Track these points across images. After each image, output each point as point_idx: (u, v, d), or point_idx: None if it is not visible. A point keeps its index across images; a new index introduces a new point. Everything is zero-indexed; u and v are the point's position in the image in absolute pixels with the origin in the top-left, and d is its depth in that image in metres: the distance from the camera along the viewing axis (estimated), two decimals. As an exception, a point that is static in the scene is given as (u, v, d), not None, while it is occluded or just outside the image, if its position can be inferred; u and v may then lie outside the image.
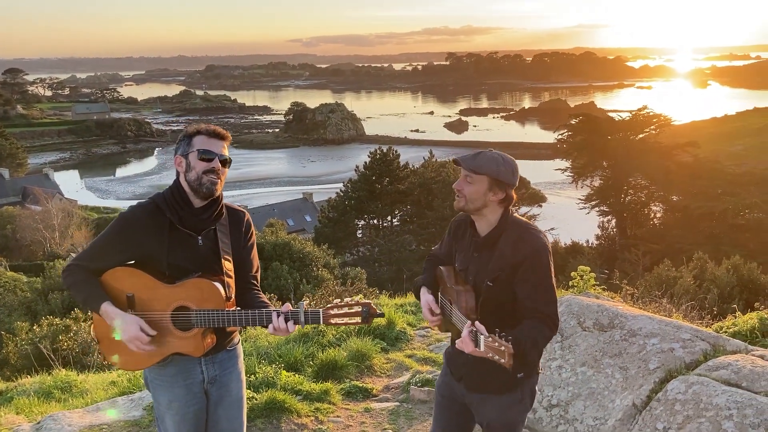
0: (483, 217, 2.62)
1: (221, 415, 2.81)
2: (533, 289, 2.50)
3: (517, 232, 2.58)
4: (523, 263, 2.51)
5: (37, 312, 17.50)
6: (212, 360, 2.73)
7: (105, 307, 2.52)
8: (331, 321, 2.52)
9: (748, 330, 4.97)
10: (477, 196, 2.57)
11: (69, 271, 2.61)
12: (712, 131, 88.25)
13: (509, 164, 2.59)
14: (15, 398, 5.98)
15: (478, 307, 2.54)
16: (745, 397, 3.39)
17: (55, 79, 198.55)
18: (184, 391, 2.69)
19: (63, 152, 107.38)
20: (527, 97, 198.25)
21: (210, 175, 2.58)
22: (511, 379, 2.62)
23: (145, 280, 2.57)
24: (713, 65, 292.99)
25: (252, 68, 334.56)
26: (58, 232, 44.56)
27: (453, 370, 2.79)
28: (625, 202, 43.92)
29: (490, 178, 2.54)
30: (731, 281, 14.64)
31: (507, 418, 2.68)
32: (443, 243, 2.89)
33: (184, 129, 2.70)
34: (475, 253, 2.64)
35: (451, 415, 2.85)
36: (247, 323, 2.59)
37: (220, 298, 2.57)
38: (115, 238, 2.60)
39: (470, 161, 2.58)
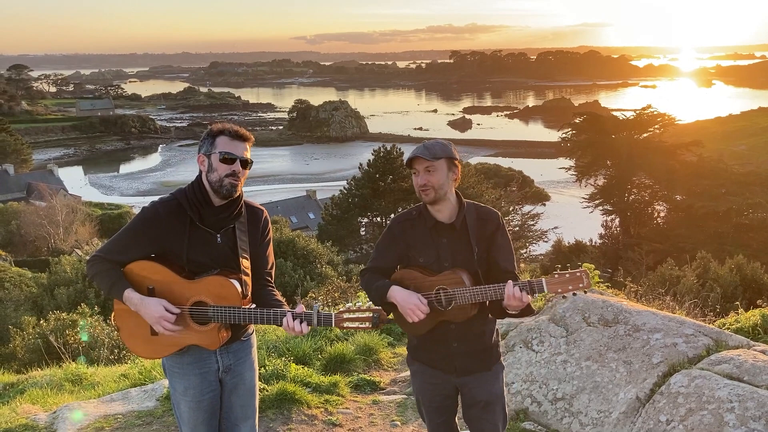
0: (446, 202, 2.77)
1: (235, 402, 2.91)
2: (508, 252, 2.80)
3: (473, 208, 2.83)
4: (495, 233, 2.78)
5: (44, 307, 17.60)
6: (227, 350, 2.82)
7: (128, 294, 2.62)
8: (342, 325, 2.62)
9: (750, 327, 5.05)
10: (442, 181, 2.72)
11: (93, 262, 2.70)
12: (716, 130, 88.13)
13: (450, 144, 2.81)
14: (27, 390, 6.09)
15: (480, 281, 2.71)
16: (747, 391, 3.47)
17: (59, 76, 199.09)
18: (199, 379, 2.79)
19: (67, 148, 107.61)
20: (531, 95, 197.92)
21: (231, 178, 2.66)
22: (495, 351, 2.90)
23: (166, 274, 2.67)
24: (718, 64, 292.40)
25: (256, 65, 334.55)
26: (62, 228, 44.69)
27: (439, 365, 2.88)
28: (629, 201, 43.85)
29: (447, 160, 2.74)
30: (734, 280, 14.69)
31: (499, 389, 2.92)
32: (383, 250, 2.88)
33: (208, 127, 2.76)
34: (443, 239, 2.76)
35: (442, 411, 3.00)
36: (263, 321, 2.69)
37: (237, 296, 2.66)
38: (137, 234, 2.69)
39: (428, 152, 2.73)
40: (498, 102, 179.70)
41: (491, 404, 2.89)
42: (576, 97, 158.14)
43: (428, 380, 2.93)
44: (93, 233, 45.90)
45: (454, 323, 2.74)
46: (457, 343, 2.80)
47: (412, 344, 2.96)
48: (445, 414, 3.00)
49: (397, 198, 38.92)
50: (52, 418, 4.48)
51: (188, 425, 2.85)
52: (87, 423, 4.33)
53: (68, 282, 18.75)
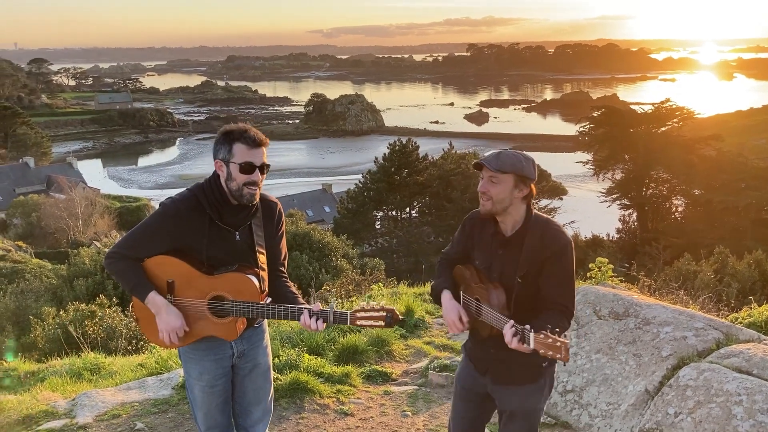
0: (509, 216, 2.67)
1: (248, 386, 2.99)
2: (557, 283, 2.61)
3: (541, 228, 2.65)
4: (550, 258, 2.61)
5: (63, 298, 17.83)
6: (241, 337, 2.89)
7: (152, 297, 2.70)
8: (357, 322, 2.67)
9: (763, 321, 5.04)
10: (504, 195, 2.62)
11: (112, 259, 2.76)
12: (736, 124, 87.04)
13: (529, 160, 2.66)
14: (47, 378, 6.22)
15: (510, 303, 2.62)
16: (756, 384, 3.49)
17: (78, 69, 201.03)
18: (213, 365, 2.87)
19: (86, 141, 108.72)
20: (549, 88, 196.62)
21: (251, 187, 2.71)
22: (536, 369, 2.73)
23: (185, 269, 2.73)
24: (739, 57, 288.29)
25: (273, 59, 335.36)
26: (81, 221, 45.21)
27: (476, 364, 2.88)
28: (647, 196, 43.51)
29: (516, 176, 2.60)
30: (752, 276, 14.57)
31: (529, 405, 2.81)
32: (455, 242, 2.92)
33: (223, 127, 2.78)
34: (500, 251, 2.70)
35: (470, 405, 2.96)
36: (280, 317, 2.77)
37: (255, 291, 2.74)
38: (156, 230, 2.74)
39: (495, 162, 2.62)
40: (515, 95, 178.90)
41: (515, 417, 2.83)
42: (594, 91, 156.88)
43: (465, 370, 2.95)
44: (112, 226, 46.39)
45: (485, 334, 2.72)
46: (495, 350, 2.72)
47: (469, 334, 2.96)
48: (470, 410, 2.97)
49: (412, 192, 38.96)
50: (71, 404, 4.58)
51: (202, 409, 2.93)
52: (105, 410, 4.44)
53: (87, 273, 18.98)
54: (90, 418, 4.32)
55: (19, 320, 16.41)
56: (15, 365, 7.43)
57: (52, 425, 4.25)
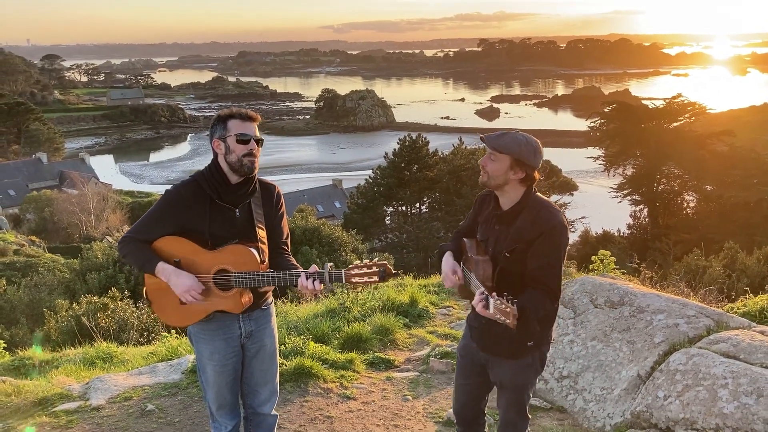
0: (505, 194, 2.82)
1: (255, 367, 3.16)
2: (543, 262, 2.71)
3: (537, 209, 2.76)
4: (539, 238, 2.71)
5: (76, 291, 18.10)
6: (249, 317, 3.07)
7: (161, 266, 2.88)
8: (352, 280, 2.81)
9: (757, 311, 5.15)
10: (499, 173, 2.75)
11: (123, 243, 2.97)
12: (749, 120, 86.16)
13: (531, 145, 2.74)
14: (62, 365, 6.42)
15: (494, 276, 2.76)
16: (741, 368, 3.61)
17: (90, 65, 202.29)
18: (223, 344, 3.04)
19: (98, 137, 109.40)
20: (560, 84, 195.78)
21: (249, 157, 2.90)
22: (521, 346, 2.88)
23: (190, 247, 2.92)
24: (753, 52, 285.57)
25: (283, 55, 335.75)
26: (93, 216, 45.60)
27: (472, 332, 3.06)
28: (658, 192, 43.34)
29: (512, 158, 2.71)
30: (762, 271, 14.55)
31: (517, 380, 2.95)
32: (468, 217, 3.12)
33: (216, 114, 2.99)
34: (496, 226, 2.85)
35: (470, 375, 3.13)
36: (279, 283, 2.92)
37: (255, 262, 2.90)
38: (161, 213, 2.95)
39: (494, 140, 2.75)
40: (526, 91, 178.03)
41: (504, 389, 2.99)
42: (606, 86, 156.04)
43: (465, 341, 3.13)
44: (123, 221, 46.74)
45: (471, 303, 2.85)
46: (485, 320, 2.77)
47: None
48: (469, 380, 3.12)
49: (422, 187, 39.02)
50: (85, 388, 4.77)
51: (213, 388, 3.09)
52: (117, 393, 4.62)
53: (99, 267, 19.23)
54: (103, 401, 4.50)
55: (33, 313, 16.70)
56: (31, 354, 7.64)
57: (67, 407, 4.43)
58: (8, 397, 4.60)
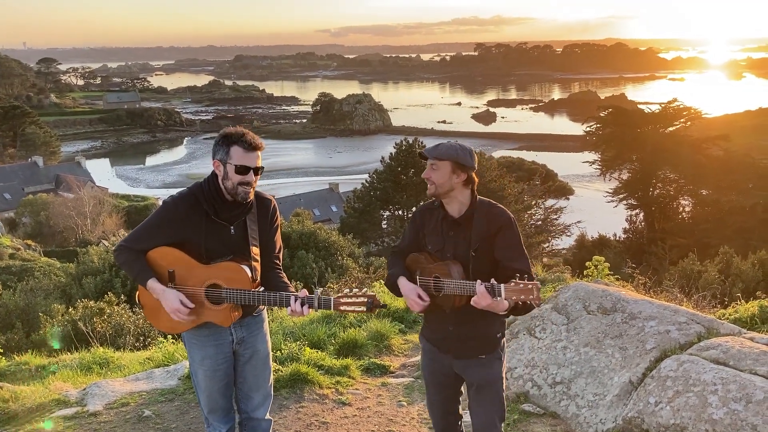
0: (453, 199, 2.98)
1: (248, 372, 3.20)
2: (511, 252, 2.90)
3: (486, 208, 2.98)
4: (499, 232, 2.91)
5: (72, 295, 18.08)
6: (240, 324, 3.12)
7: (151, 284, 2.94)
8: (340, 308, 2.87)
9: (748, 317, 5.20)
10: (443, 180, 2.93)
11: (119, 251, 3.03)
12: (745, 124, 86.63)
13: (466, 149, 2.97)
14: (58, 371, 6.44)
15: (469, 275, 2.88)
16: (731, 374, 3.66)
17: (87, 69, 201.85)
18: (215, 350, 3.09)
19: (94, 141, 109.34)
20: (557, 88, 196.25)
21: (245, 186, 2.95)
22: (492, 340, 3.04)
23: (184, 259, 2.97)
24: (749, 56, 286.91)
25: (280, 58, 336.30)
26: (89, 219, 45.58)
27: (438, 345, 3.12)
28: (654, 196, 43.44)
29: (452, 162, 2.91)
30: (757, 276, 14.61)
31: (493, 376, 3.07)
32: (406, 235, 3.20)
33: (222, 132, 3.01)
34: (450, 232, 2.98)
35: (440, 389, 3.22)
36: (269, 304, 2.99)
37: (247, 280, 2.97)
38: (158, 225, 3.00)
39: (433, 151, 2.97)
40: (523, 95, 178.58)
41: (482, 388, 3.06)
42: (602, 90, 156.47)
43: (429, 356, 3.20)
44: (120, 225, 46.71)
45: (448, 309, 2.94)
46: (453, 327, 3.00)
47: (423, 323, 3.23)
48: (443, 392, 3.20)
49: (419, 191, 39.01)
50: (82, 394, 4.80)
51: (205, 392, 3.15)
52: (114, 399, 4.65)
53: (96, 272, 19.21)
54: (100, 406, 4.53)
55: (28, 317, 16.67)
56: (27, 359, 7.65)
57: (64, 413, 4.46)
58: (5, 403, 4.63)
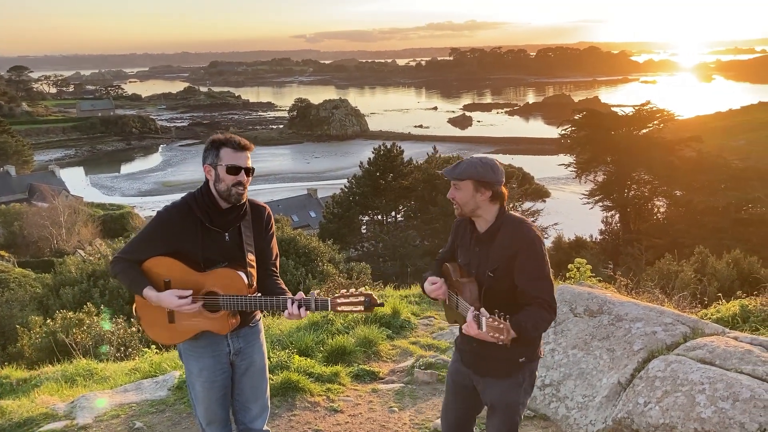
0: (480, 217, 2.91)
1: (246, 383, 3.20)
2: (531, 277, 2.77)
3: (512, 226, 2.85)
4: (519, 254, 2.78)
5: (49, 306, 17.83)
6: (237, 334, 3.12)
7: (146, 292, 2.93)
8: (337, 308, 2.87)
9: (729, 316, 5.31)
10: (467, 199, 2.86)
11: (115, 263, 3.03)
12: (716, 126, 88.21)
13: (487, 164, 2.86)
14: (41, 384, 6.35)
15: (482, 296, 2.84)
16: (717, 374, 3.74)
17: (59, 77, 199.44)
18: (212, 361, 3.09)
19: (68, 149, 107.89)
20: (531, 92, 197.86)
21: (238, 187, 2.95)
22: (513, 363, 2.93)
23: (180, 268, 2.96)
24: (718, 59, 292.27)
25: (256, 64, 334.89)
26: (64, 229, 44.97)
27: (462, 356, 3.11)
28: (629, 197, 43.97)
29: (473, 181, 2.83)
30: (731, 275, 14.86)
31: (508, 400, 2.98)
32: (448, 243, 3.19)
33: (210, 138, 3.02)
34: (476, 248, 2.94)
35: (458, 398, 3.18)
36: (266, 308, 3.01)
37: (244, 286, 2.97)
38: (152, 235, 3.00)
39: (452, 171, 2.88)
40: (498, 99, 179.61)
41: (496, 410, 3.02)
42: (576, 94, 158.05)
43: (455, 365, 3.18)
44: (95, 234, 46.14)
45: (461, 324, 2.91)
46: (476, 343, 2.90)
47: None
48: (459, 402, 3.17)
49: (397, 196, 39.18)
50: (71, 407, 4.75)
51: (203, 404, 3.13)
52: (104, 411, 4.61)
53: (73, 282, 18.98)
54: (90, 419, 4.49)
55: (3, 329, 16.39)
56: (7, 372, 7.54)
57: (53, 426, 4.41)
58: (-8, 418, 4.57)
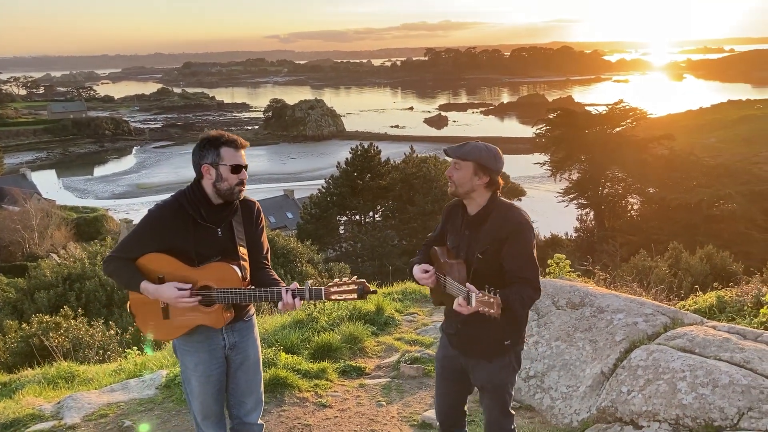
0: (472, 200, 3.00)
1: (241, 377, 3.23)
2: (518, 259, 2.88)
3: (503, 211, 2.95)
4: (509, 237, 2.88)
5: (24, 311, 17.61)
6: (232, 329, 3.15)
7: (144, 285, 2.96)
8: (331, 297, 2.91)
9: (706, 307, 5.45)
10: (464, 180, 2.94)
11: (108, 262, 3.04)
12: (687, 124, 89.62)
13: (491, 151, 2.97)
14: (22, 387, 6.29)
15: (470, 277, 2.91)
16: (697, 361, 3.86)
17: (29, 78, 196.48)
18: (208, 355, 3.12)
19: (39, 152, 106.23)
20: (506, 91, 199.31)
21: (240, 186, 3.02)
22: (499, 346, 3.04)
23: (174, 264, 2.99)
24: (688, 58, 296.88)
25: (230, 65, 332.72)
26: (37, 233, 44.38)
27: (450, 340, 3.19)
28: (603, 195, 44.49)
29: (475, 164, 2.92)
30: (705, 269, 15.17)
31: (496, 381, 3.10)
32: (437, 228, 3.27)
33: (206, 134, 3.05)
34: (466, 231, 3.02)
35: (449, 383, 3.27)
36: (261, 299, 3.04)
37: (237, 278, 3.00)
38: (145, 234, 3.02)
39: (457, 150, 2.97)
40: (473, 99, 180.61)
41: (486, 391, 3.14)
42: (550, 93, 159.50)
43: (443, 350, 3.27)
44: (69, 237, 45.53)
45: (449, 306, 3.03)
46: (462, 325, 3.05)
47: (444, 315, 3.29)
48: (451, 386, 3.26)
49: (375, 196, 39.26)
50: (57, 407, 4.73)
51: (198, 399, 3.16)
52: (92, 411, 4.60)
53: (48, 285, 18.75)
54: (78, 419, 4.48)
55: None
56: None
57: (40, 427, 4.39)
58: (-23, 420, 4.53)
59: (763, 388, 3.55)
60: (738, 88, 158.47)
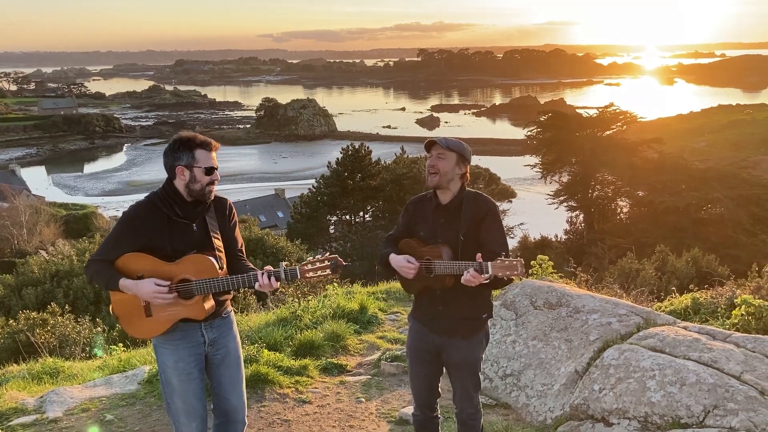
0: (448, 190, 3.25)
1: (223, 373, 3.28)
2: (495, 235, 3.21)
3: (473, 196, 3.28)
4: (485, 218, 3.21)
5: (11, 307, 17.57)
6: (211, 325, 3.22)
7: (123, 282, 3.02)
8: (307, 275, 3.03)
9: (681, 308, 5.56)
10: (448, 169, 3.20)
11: (88, 266, 3.12)
12: (677, 128, 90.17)
13: (467, 146, 3.30)
14: (8, 381, 6.33)
15: (458, 257, 3.14)
16: (667, 360, 3.96)
17: (20, 74, 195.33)
18: (187, 352, 3.17)
19: (29, 148, 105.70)
20: (498, 93, 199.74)
21: (211, 186, 3.12)
22: (477, 320, 3.30)
23: (151, 261, 3.06)
24: (679, 63, 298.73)
25: (222, 63, 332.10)
26: (26, 229, 44.15)
27: (427, 325, 3.36)
28: (593, 198, 44.66)
29: (458, 155, 3.22)
30: (690, 272, 15.33)
31: (471, 358, 3.34)
32: (399, 224, 3.46)
33: (179, 136, 3.12)
34: (441, 220, 3.25)
35: (424, 365, 3.45)
36: (239, 286, 3.12)
37: (214, 269, 3.08)
38: (122, 235, 3.09)
39: (445, 141, 3.24)
40: (465, 100, 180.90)
41: (461, 368, 3.35)
42: (542, 95, 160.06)
43: (416, 335, 3.44)
44: (58, 234, 45.32)
45: (438, 289, 3.22)
46: (442, 307, 3.26)
47: (413, 305, 3.48)
48: (426, 368, 3.44)
49: (366, 196, 39.27)
50: (40, 401, 4.78)
51: (180, 397, 3.18)
52: (74, 405, 4.65)
53: (36, 282, 18.72)
54: (60, 413, 4.53)
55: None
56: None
57: (22, 420, 4.44)
58: (-40, 413, 4.57)
59: (729, 386, 3.66)
60: (728, 92, 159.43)
